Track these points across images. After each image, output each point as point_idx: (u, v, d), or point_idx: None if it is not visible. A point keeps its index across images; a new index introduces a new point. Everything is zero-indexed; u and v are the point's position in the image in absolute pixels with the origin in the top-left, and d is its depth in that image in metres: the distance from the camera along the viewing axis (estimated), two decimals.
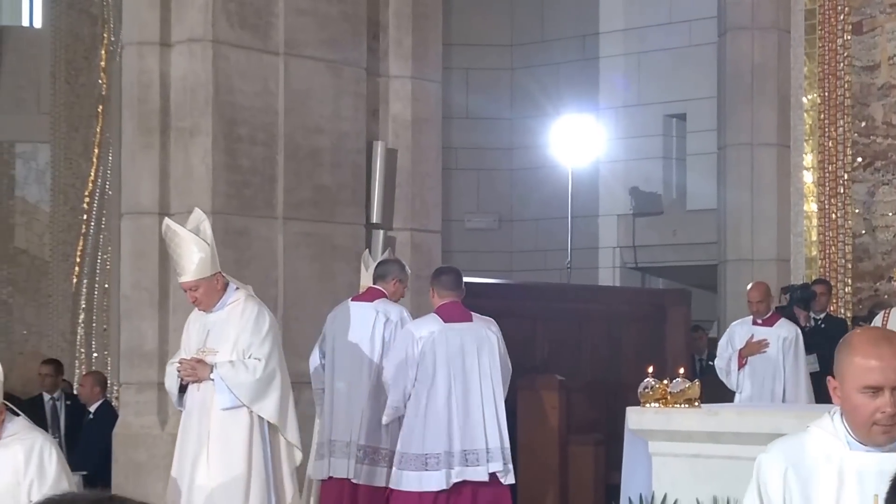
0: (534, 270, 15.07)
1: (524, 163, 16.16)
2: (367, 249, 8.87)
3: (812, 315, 10.35)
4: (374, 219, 9.19)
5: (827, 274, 11.57)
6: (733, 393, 9.79)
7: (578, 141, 14.97)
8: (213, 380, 6.48)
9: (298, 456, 6.78)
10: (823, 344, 10.33)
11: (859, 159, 11.57)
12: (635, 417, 6.91)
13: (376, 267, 8.26)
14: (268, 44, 8.59)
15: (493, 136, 16.24)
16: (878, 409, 3.14)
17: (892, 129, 11.38)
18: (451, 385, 7.62)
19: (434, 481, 7.56)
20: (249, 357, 6.51)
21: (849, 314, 11.39)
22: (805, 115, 11.83)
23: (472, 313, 7.79)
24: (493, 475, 7.60)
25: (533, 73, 16.24)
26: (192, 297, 6.61)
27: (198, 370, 6.51)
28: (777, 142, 11.86)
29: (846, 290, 11.59)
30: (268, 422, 6.58)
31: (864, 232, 11.56)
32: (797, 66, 11.87)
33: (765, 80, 11.83)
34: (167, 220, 6.74)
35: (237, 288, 6.72)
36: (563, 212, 14.88)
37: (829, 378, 3.27)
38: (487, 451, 7.59)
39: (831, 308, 11.01)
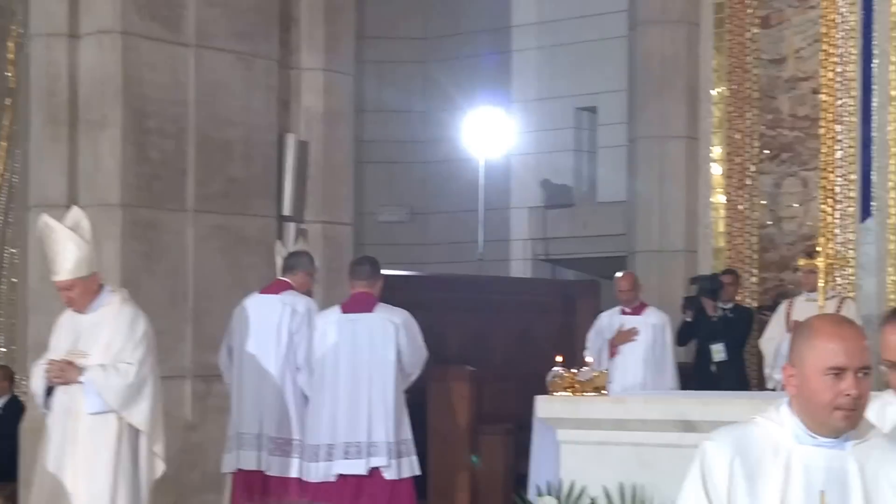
0: (446, 263, 15.13)
1: (436, 155, 16.22)
2: (279, 240, 8.84)
3: (719, 305, 10.52)
4: (286, 211, 9.17)
5: (734, 264, 11.71)
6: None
7: (490, 134, 15.07)
8: (81, 382, 6.29)
9: (160, 468, 6.58)
10: (731, 333, 10.53)
11: (766, 151, 11.66)
12: (544, 406, 6.98)
13: (286, 259, 8.25)
14: (178, 35, 8.52)
15: (405, 129, 16.27)
16: (842, 392, 3.04)
17: (799, 121, 11.49)
18: (339, 376, 7.67)
19: (313, 473, 7.63)
20: (121, 362, 6.33)
21: (755, 304, 11.57)
22: (713, 107, 11.93)
23: (380, 304, 7.79)
24: (376, 470, 7.60)
25: (445, 66, 16.29)
26: (66, 298, 6.40)
27: (66, 372, 6.31)
28: (686, 134, 11.96)
29: (752, 280, 11.74)
30: (134, 430, 6.39)
31: (770, 223, 11.69)
32: (706, 59, 11.96)
33: (674, 73, 11.93)
34: (44, 217, 6.54)
35: (112, 290, 6.56)
36: (475, 204, 14.97)
37: (784, 366, 3.20)
38: (369, 444, 7.57)
39: (739, 298, 11.18)
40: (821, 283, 6.76)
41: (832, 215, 11.25)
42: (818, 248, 9.08)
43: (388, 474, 7.59)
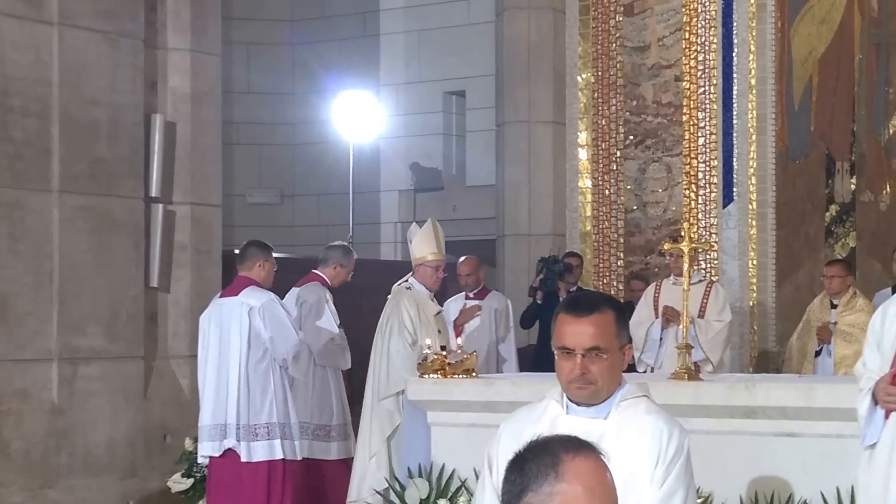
0: (316, 245, 15.06)
1: (306, 138, 16.19)
2: (414, 222, 8.87)
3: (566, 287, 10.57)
4: (153, 192, 9.09)
5: (600, 248, 11.89)
6: None
7: (360, 117, 15.08)
8: None
9: None
10: None
11: (631, 137, 11.84)
12: (415, 388, 7.03)
13: (324, 251, 8.61)
14: (41, 13, 8.38)
15: (274, 112, 16.21)
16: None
17: (662, 108, 11.68)
18: (207, 359, 7.77)
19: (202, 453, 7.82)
20: None
21: (620, 287, 11.75)
22: (579, 93, 12.07)
23: (248, 287, 7.75)
24: (230, 451, 7.66)
25: (314, 49, 16.26)
26: None
27: None
28: (553, 119, 12.11)
29: (619, 263, 11.93)
30: None
31: (635, 207, 11.86)
32: (572, 45, 12.10)
33: (541, 59, 12.06)
34: None
35: None
36: (345, 187, 14.98)
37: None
38: (225, 426, 7.65)
39: (595, 281, 11.32)
40: (685, 267, 6.91)
41: (695, 200, 11.45)
42: (682, 233, 9.26)
43: (244, 456, 7.61)
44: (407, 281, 8.29)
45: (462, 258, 10.19)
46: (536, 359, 10.42)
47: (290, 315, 7.91)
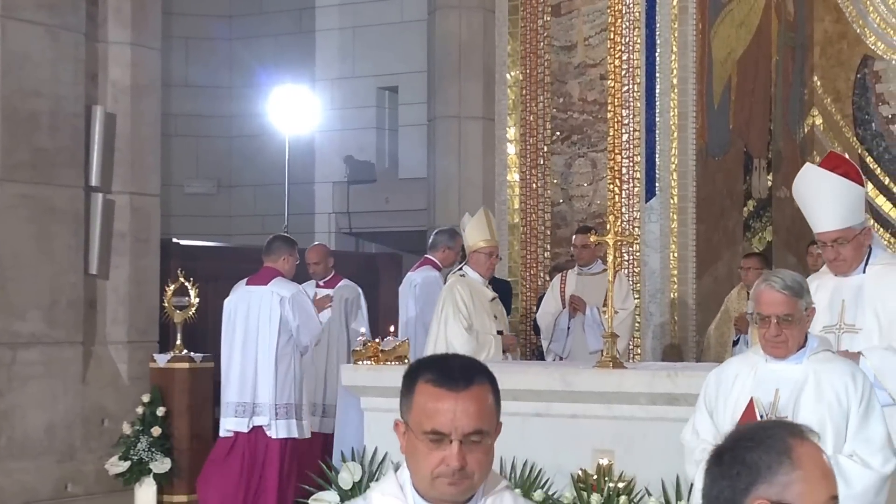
0: (252, 234, 15.17)
1: (243, 130, 16.30)
2: (467, 213, 9.07)
3: None
4: (93, 182, 9.18)
5: (528, 240, 11.97)
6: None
7: (295, 111, 15.22)
8: None
9: None
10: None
11: (558, 133, 11.94)
12: (348, 374, 7.16)
13: (433, 236, 8.95)
14: None
15: (212, 105, 16.30)
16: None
17: (588, 105, 11.75)
18: (233, 342, 8.38)
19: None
20: None
21: (547, 277, 11.87)
22: (508, 90, 12.14)
23: (275, 278, 8.35)
24: (258, 428, 8.29)
25: (251, 43, 16.38)
26: None
27: None
28: (483, 115, 12.18)
29: (545, 255, 11.95)
30: None
31: (561, 201, 11.91)
32: (501, 44, 12.18)
33: (471, 56, 12.13)
34: None
35: None
36: (281, 178, 15.11)
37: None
38: (254, 404, 8.26)
39: (523, 272, 11.47)
40: (610, 259, 7.14)
41: (619, 195, 11.52)
42: (607, 226, 9.44)
43: (273, 434, 8.27)
44: (461, 269, 8.47)
45: (310, 246, 10.00)
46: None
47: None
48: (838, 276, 5.53)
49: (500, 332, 7.90)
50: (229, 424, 8.38)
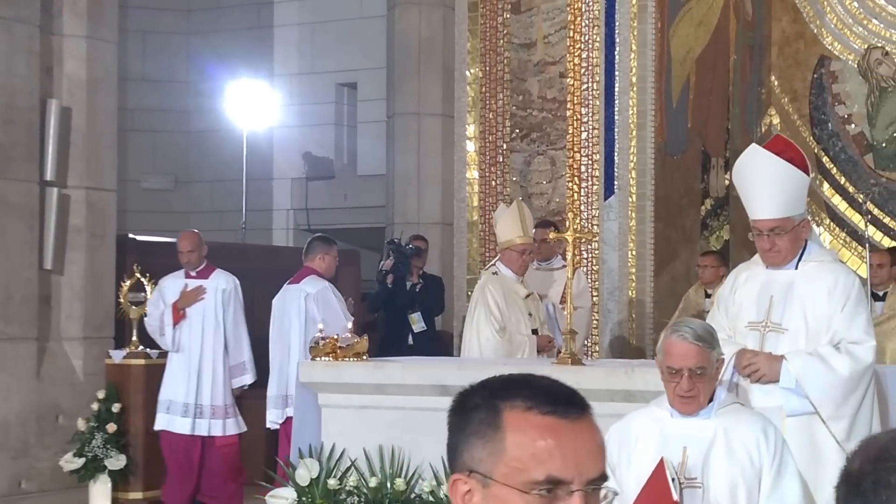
0: (210, 230, 15.08)
1: (200, 125, 16.23)
2: (502, 203, 9.02)
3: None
4: (48, 176, 9.16)
5: (487, 237, 12.03)
6: None
7: (253, 106, 15.17)
8: None
9: None
10: (427, 301, 10.56)
11: (517, 131, 11.97)
12: (306, 371, 7.10)
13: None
14: None
15: (169, 99, 16.22)
16: None
17: (547, 103, 11.80)
18: (273, 339, 8.75)
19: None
20: None
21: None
22: (468, 87, 12.17)
23: (308, 276, 8.57)
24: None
25: (209, 38, 16.31)
26: None
27: None
28: (442, 112, 12.22)
29: None
30: None
31: (520, 198, 12.09)
32: (461, 41, 12.21)
33: (431, 53, 12.17)
34: None
35: None
36: (238, 174, 15.05)
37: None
38: (287, 397, 8.46)
39: (482, 269, 11.48)
40: (570, 256, 7.18)
41: (578, 193, 11.57)
42: (566, 223, 9.47)
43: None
44: (494, 265, 8.31)
45: (182, 232, 9.16)
46: (382, 344, 10.13)
47: (343, 301, 8.69)
48: (770, 267, 5.30)
49: (534, 332, 7.79)
50: (272, 416, 8.60)
